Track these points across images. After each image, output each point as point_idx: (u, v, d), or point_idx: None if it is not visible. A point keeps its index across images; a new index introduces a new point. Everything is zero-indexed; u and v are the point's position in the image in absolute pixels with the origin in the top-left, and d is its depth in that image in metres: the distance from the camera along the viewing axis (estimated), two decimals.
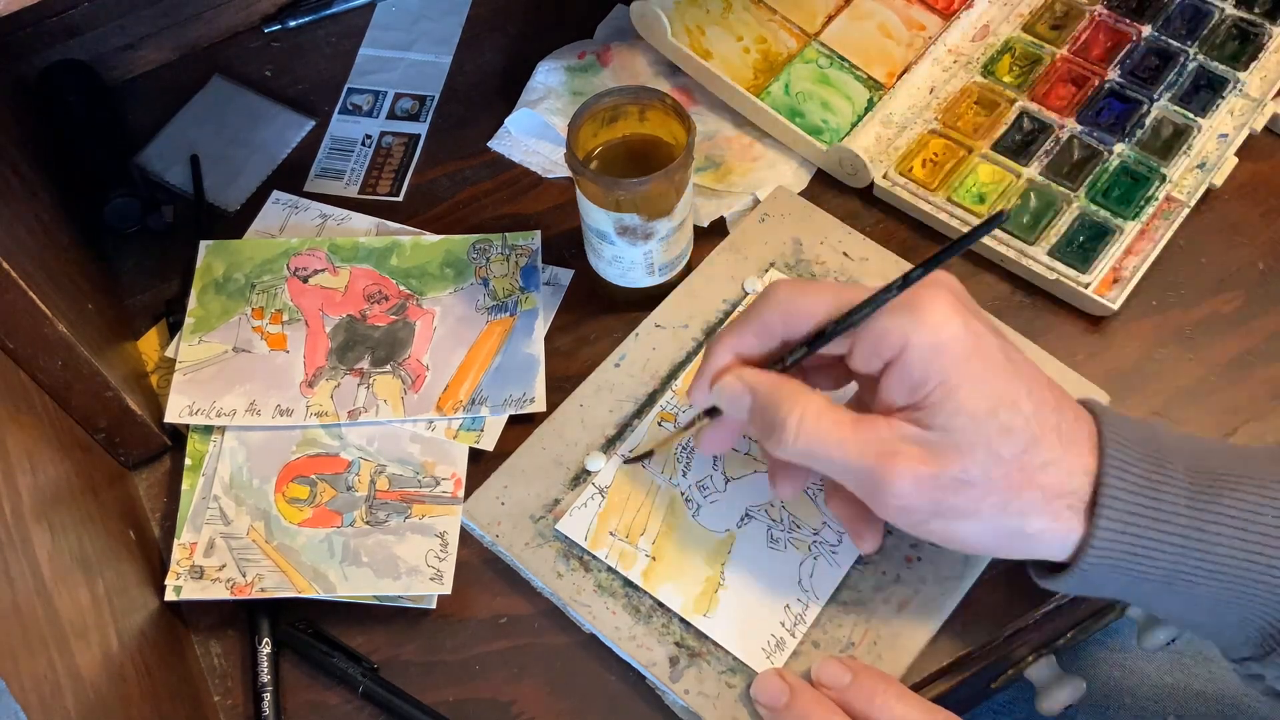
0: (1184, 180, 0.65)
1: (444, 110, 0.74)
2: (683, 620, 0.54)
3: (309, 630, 0.56)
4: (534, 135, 0.72)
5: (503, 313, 0.65)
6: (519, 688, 0.55)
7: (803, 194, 0.67)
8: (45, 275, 0.53)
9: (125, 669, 0.49)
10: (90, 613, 0.48)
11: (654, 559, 0.55)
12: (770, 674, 0.51)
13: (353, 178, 0.71)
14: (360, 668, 0.55)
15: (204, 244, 0.67)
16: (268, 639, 0.56)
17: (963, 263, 0.65)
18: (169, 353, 0.64)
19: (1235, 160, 0.66)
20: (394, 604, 0.57)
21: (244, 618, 0.57)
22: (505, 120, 0.72)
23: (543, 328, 0.64)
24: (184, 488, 0.59)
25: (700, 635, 0.53)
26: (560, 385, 0.62)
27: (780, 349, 0.49)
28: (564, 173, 0.70)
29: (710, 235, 0.66)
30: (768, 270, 0.63)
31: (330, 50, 0.77)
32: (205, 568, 0.57)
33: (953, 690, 0.55)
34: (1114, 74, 0.69)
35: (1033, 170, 0.66)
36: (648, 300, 0.63)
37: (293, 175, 0.71)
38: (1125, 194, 0.65)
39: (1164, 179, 0.65)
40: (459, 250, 0.67)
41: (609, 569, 0.55)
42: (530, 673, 0.55)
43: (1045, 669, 0.59)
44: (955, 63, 0.71)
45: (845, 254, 0.64)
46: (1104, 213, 0.64)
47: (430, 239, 0.67)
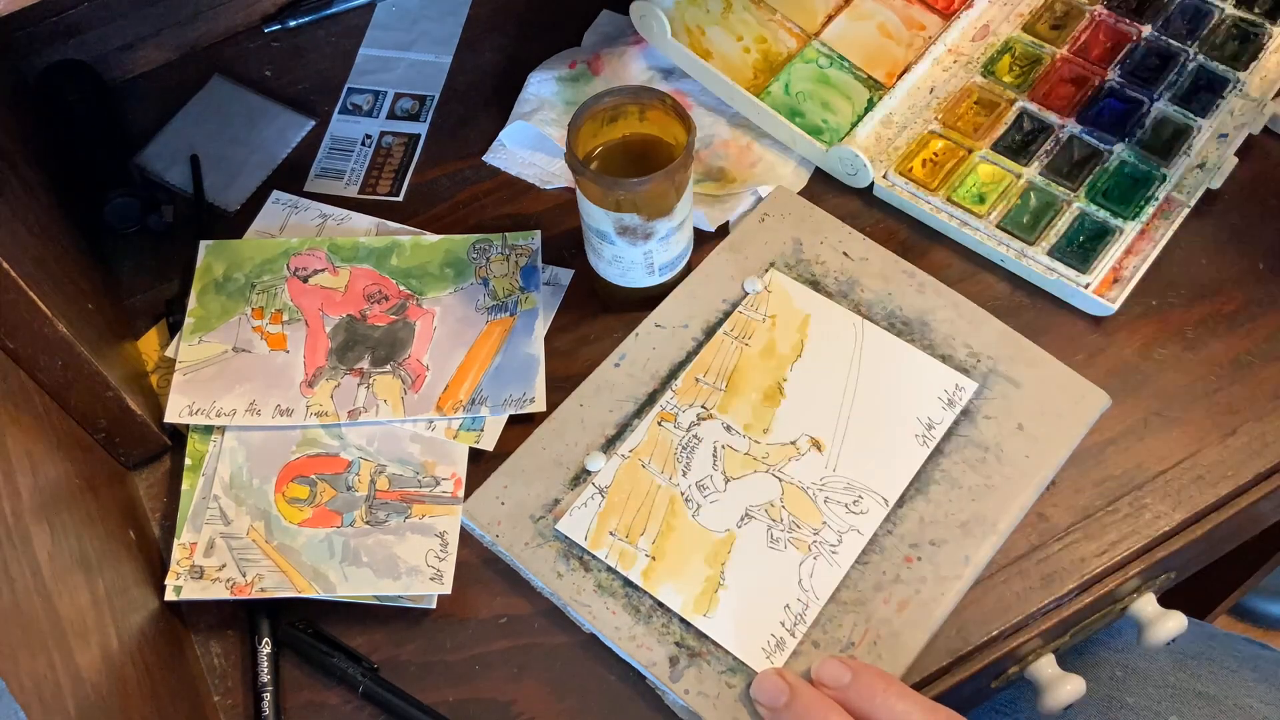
0: (1184, 180, 0.65)
1: (444, 110, 0.74)
2: (683, 620, 0.54)
3: (309, 630, 0.56)
4: (529, 147, 0.71)
5: (503, 313, 0.65)
6: (519, 688, 0.55)
7: (802, 194, 0.67)
8: (45, 275, 0.53)
9: (125, 669, 0.49)
10: (90, 613, 0.48)
11: (654, 559, 0.55)
12: (770, 673, 0.51)
13: (353, 178, 0.71)
14: (360, 668, 0.55)
15: (204, 244, 0.67)
16: (268, 639, 0.56)
17: (963, 263, 0.65)
18: (169, 353, 0.64)
19: (1235, 160, 0.66)
20: (394, 604, 0.57)
21: (244, 618, 0.57)
22: (499, 134, 0.71)
23: (543, 328, 0.64)
24: (184, 488, 0.59)
25: (700, 635, 0.53)
26: (560, 385, 0.62)
27: None
28: (560, 184, 0.70)
29: (710, 235, 0.66)
30: (768, 270, 0.63)
31: (330, 50, 0.77)
32: (205, 568, 0.57)
33: (953, 690, 0.55)
34: (1114, 74, 0.69)
35: (1033, 170, 0.66)
36: (648, 300, 0.63)
37: (293, 175, 0.71)
38: (1125, 194, 0.65)
39: (1164, 179, 0.65)
40: (459, 250, 0.67)
41: (609, 569, 0.55)
42: (530, 673, 0.55)
43: (1046, 668, 0.59)
44: (955, 63, 0.71)
45: (845, 254, 0.64)
46: (1104, 213, 0.64)
47: (430, 239, 0.67)
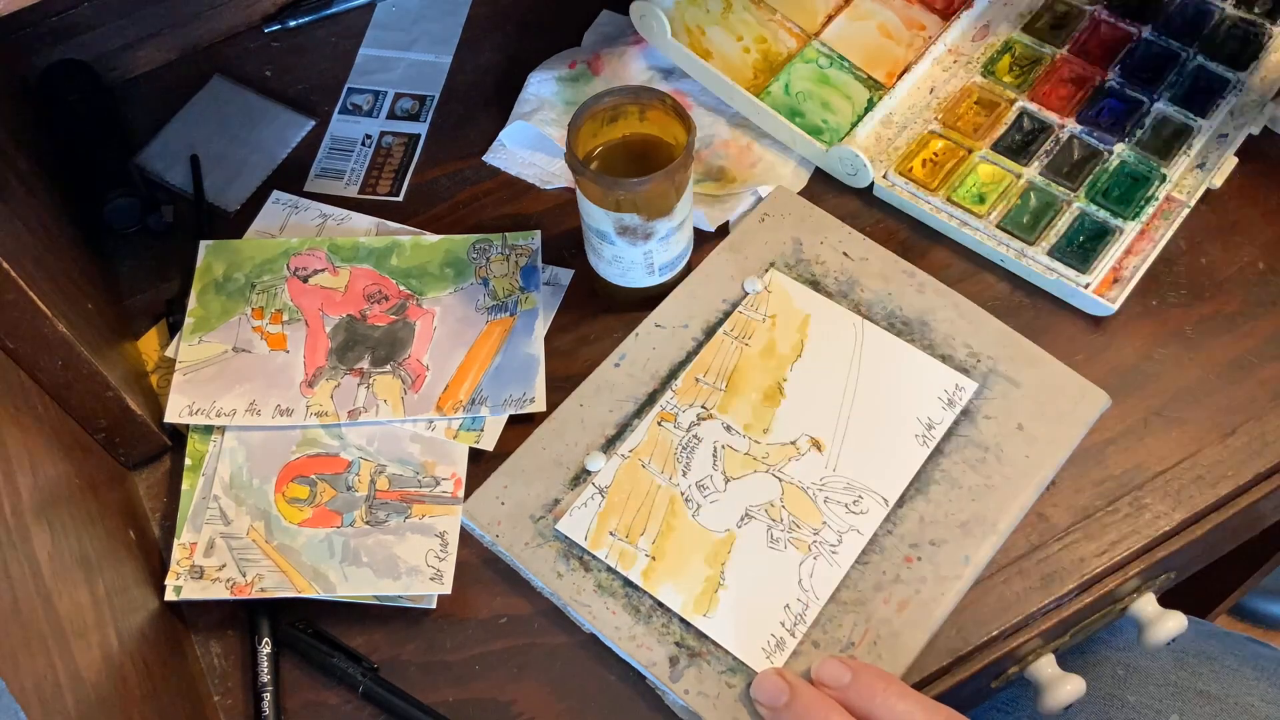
0: (1184, 180, 0.65)
1: (444, 110, 0.74)
2: (683, 620, 0.54)
3: (309, 630, 0.56)
4: (529, 147, 0.71)
5: (503, 313, 0.65)
6: (519, 688, 0.55)
7: (802, 194, 0.67)
8: (45, 275, 0.53)
9: (125, 669, 0.49)
10: (90, 613, 0.48)
11: (654, 559, 0.55)
12: (770, 673, 0.51)
13: (353, 178, 0.71)
14: (360, 668, 0.55)
15: (204, 244, 0.67)
16: (268, 639, 0.56)
17: (963, 263, 0.65)
18: (169, 353, 0.64)
19: (1235, 160, 0.66)
20: (394, 604, 0.57)
21: (244, 618, 0.57)
22: (499, 134, 0.71)
23: (543, 328, 0.64)
24: (184, 488, 0.59)
25: (700, 635, 0.53)
26: (560, 385, 0.62)
27: None
28: (560, 184, 0.70)
29: (710, 235, 0.66)
30: (768, 270, 0.63)
31: (330, 50, 0.77)
32: (205, 568, 0.57)
33: (953, 690, 0.55)
34: (1114, 74, 0.69)
35: (1033, 170, 0.66)
36: (648, 300, 0.63)
37: (293, 175, 0.71)
38: (1125, 194, 0.65)
39: (1164, 179, 0.65)
40: (459, 250, 0.67)
41: (609, 569, 0.55)
42: (530, 673, 0.55)
43: (1046, 668, 0.59)
44: (955, 63, 0.71)
45: (845, 254, 0.64)
46: (1104, 213, 0.64)
47: (430, 239, 0.67)
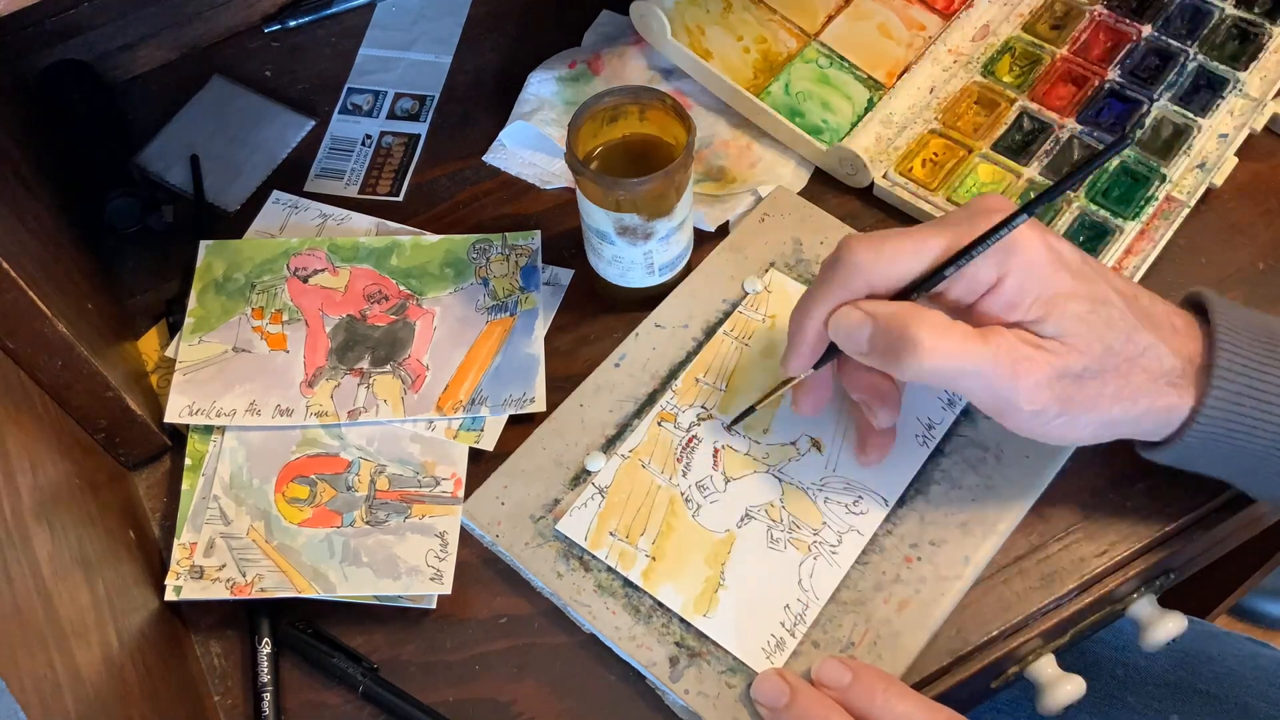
0: (1184, 180, 0.65)
1: (444, 110, 0.74)
2: (683, 620, 0.54)
3: (309, 630, 0.56)
4: (529, 147, 0.71)
5: (503, 313, 0.65)
6: (519, 688, 0.55)
7: (802, 194, 0.67)
8: (45, 275, 0.53)
9: (125, 669, 0.49)
10: (90, 613, 0.48)
11: (654, 559, 0.55)
12: (770, 674, 0.51)
13: (353, 178, 0.71)
14: (360, 668, 0.55)
15: (204, 244, 0.67)
16: (268, 639, 0.56)
17: None
18: (169, 353, 0.64)
19: (1235, 160, 0.66)
20: (394, 604, 0.57)
21: (244, 618, 0.57)
22: (499, 134, 0.71)
23: (543, 328, 0.64)
24: (184, 488, 0.59)
25: (700, 635, 0.53)
26: (560, 385, 0.62)
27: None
28: (560, 184, 0.70)
29: (710, 235, 0.66)
30: (768, 270, 0.63)
31: (330, 50, 0.77)
32: (205, 568, 0.57)
33: (953, 690, 0.55)
34: (1114, 74, 0.69)
35: (1033, 170, 0.66)
36: (648, 300, 0.63)
37: (293, 175, 0.71)
38: (1125, 194, 0.65)
39: (1164, 179, 0.65)
40: (459, 250, 0.67)
41: (609, 569, 0.55)
42: (530, 673, 0.55)
43: (1046, 668, 0.59)
44: (955, 63, 0.71)
45: None
46: (1104, 213, 0.64)
47: (430, 239, 0.67)
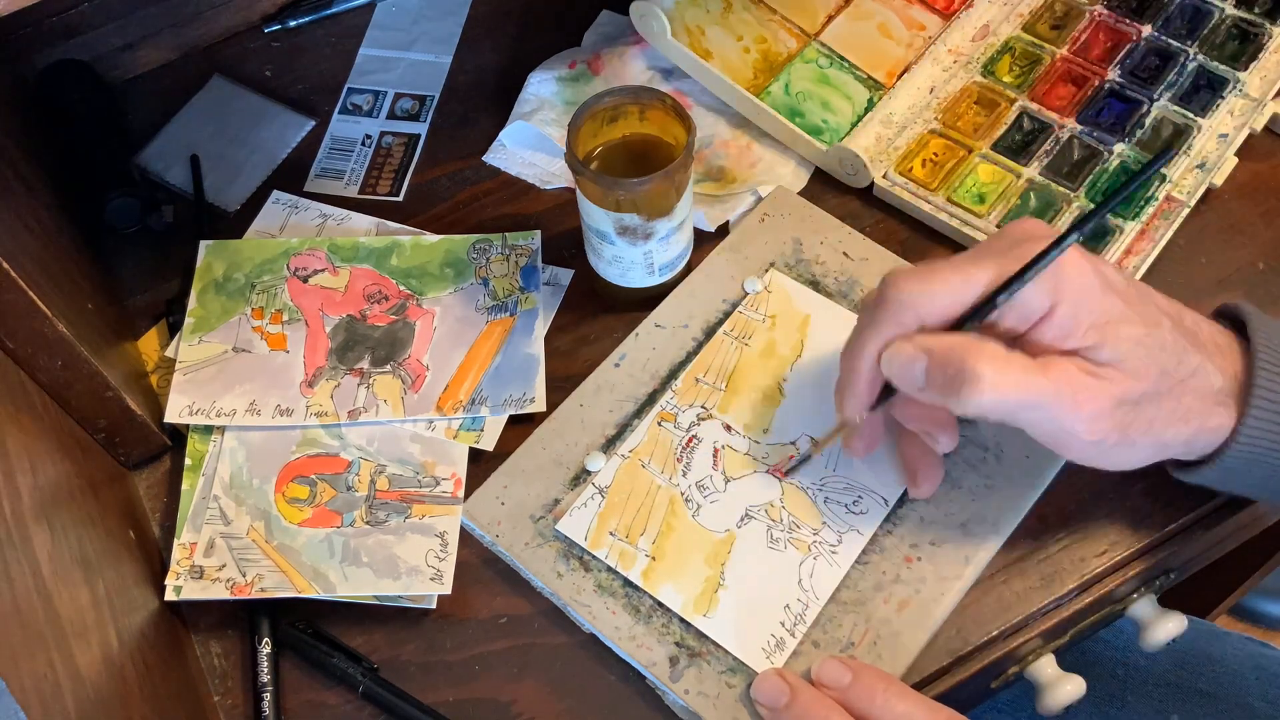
0: (1184, 180, 0.65)
1: (444, 110, 0.74)
2: (683, 620, 0.54)
3: (309, 630, 0.56)
4: (529, 147, 0.71)
5: (503, 313, 0.65)
6: (519, 688, 0.55)
7: (802, 194, 0.67)
8: (45, 275, 0.53)
9: (125, 669, 0.49)
10: (90, 613, 0.48)
11: (654, 559, 0.55)
12: (770, 674, 0.51)
13: (353, 178, 0.71)
14: (360, 668, 0.55)
15: (204, 244, 0.67)
16: (268, 639, 0.56)
17: None
18: (169, 353, 0.64)
19: (1235, 160, 0.66)
20: (394, 604, 0.57)
21: (244, 618, 0.57)
22: (499, 134, 0.71)
23: (543, 328, 0.64)
24: (184, 488, 0.59)
25: (700, 635, 0.53)
26: (560, 385, 0.62)
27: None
28: (560, 184, 0.70)
29: (710, 235, 0.66)
30: (768, 270, 0.63)
31: (330, 50, 0.77)
32: (205, 568, 0.57)
33: (953, 690, 0.55)
34: (1114, 74, 0.69)
35: (1033, 170, 0.66)
36: (648, 300, 0.63)
37: (293, 175, 0.71)
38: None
39: (1164, 179, 0.65)
40: (459, 250, 0.67)
41: (609, 569, 0.55)
42: (530, 673, 0.55)
43: (1046, 668, 0.59)
44: (955, 63, 0.71)
45: (845, 254, 0.64)
46: None
47: (430, 239, 0.67)
